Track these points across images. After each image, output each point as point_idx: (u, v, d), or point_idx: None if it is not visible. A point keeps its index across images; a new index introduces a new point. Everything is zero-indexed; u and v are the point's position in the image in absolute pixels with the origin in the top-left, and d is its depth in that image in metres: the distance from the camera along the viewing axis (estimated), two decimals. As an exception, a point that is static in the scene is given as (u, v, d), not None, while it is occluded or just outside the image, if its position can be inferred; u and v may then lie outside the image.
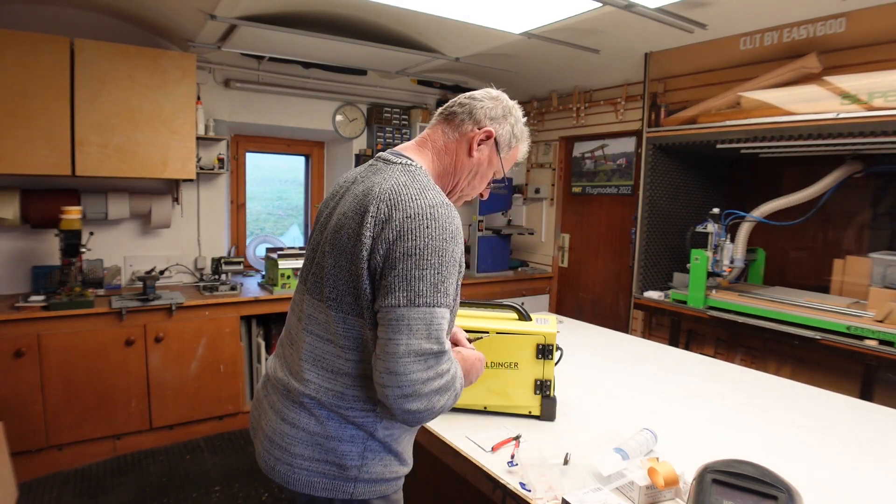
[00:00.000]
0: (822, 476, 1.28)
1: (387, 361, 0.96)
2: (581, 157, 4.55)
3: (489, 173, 1.23)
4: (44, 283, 3.13)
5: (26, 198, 2.99)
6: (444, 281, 0.99)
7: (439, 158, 1.19)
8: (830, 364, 2.63)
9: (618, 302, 4.29)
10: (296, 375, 1.11)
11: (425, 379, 0.97)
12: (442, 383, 0.99)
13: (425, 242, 0.98)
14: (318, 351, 1.09)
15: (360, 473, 1.08)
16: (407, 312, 0.96)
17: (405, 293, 0.97)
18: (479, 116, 1.18)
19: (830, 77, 2.57)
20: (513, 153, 1.24)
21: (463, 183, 1.21)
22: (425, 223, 0.99)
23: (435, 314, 0.98)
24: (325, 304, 1.08)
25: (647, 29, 2.91)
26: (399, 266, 0.97)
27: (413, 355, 0.96)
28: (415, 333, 0.96)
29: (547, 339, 1.49)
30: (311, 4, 2.88)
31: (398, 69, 3.99)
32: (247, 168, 4.19)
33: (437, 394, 0.99)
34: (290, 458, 1.08)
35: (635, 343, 2.48)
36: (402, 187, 1.03)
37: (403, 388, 0.96)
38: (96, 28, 3.20)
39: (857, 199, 2.93)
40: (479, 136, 1.17)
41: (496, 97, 1.21)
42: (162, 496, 2.71)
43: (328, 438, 1.07)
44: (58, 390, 2.80)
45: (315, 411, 1.08)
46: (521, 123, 1.23)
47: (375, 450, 1.09)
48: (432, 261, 0.98)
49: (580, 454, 1.29)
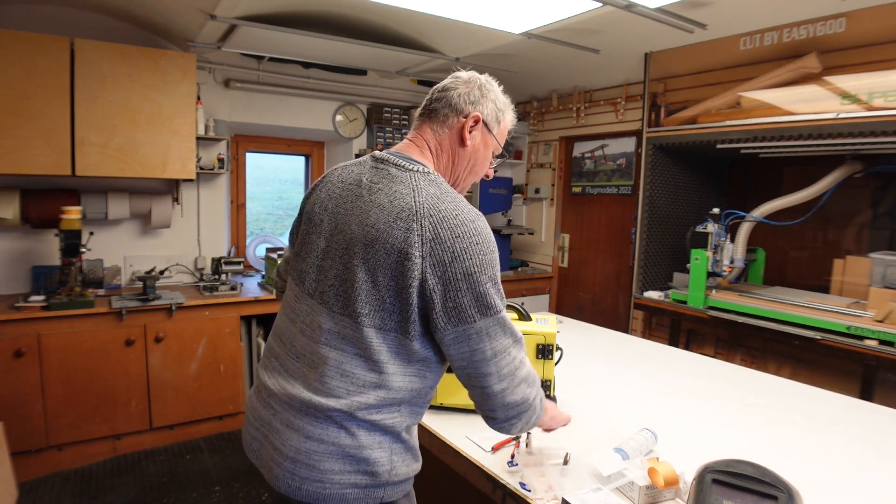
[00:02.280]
0: (822, 476, 1.28)
1: (478, 369, 1.04)
2: (581, 157, 4.55)
3: (488, 155, 1.23)
4: (44, 283, 3.13)
5: (26, 198, 2.99)
6: (500, 285, 1.07)
7: (438, 158, 1.19)
8: (830, 364, 2.63)
9: (618, 302, 4.29)
10: (319, 391, 1.06)
11: (513, 370, 1.07)
12: (527, 372, 1.10)
13: (480, 259, 1.03)
14: (348, 366, 1.06)
15: (391, 477, 1.08)
16: (483, 324, 1.03)
17: (477, 309, 1.02)
18: (461, 105, 1.17)
19: (830, 77, 2.57)
20: (503, 127, 1.24)
21: (464, 173, 1.22)
22: (474, 240, 1.03)
23: (505, 315, 1.07)
24: (353, 319, 1.05)
25: (647, 29, 2.91)
26: (463, 287, 1.02)
27: (500, 355, 1.05)
28: (494, 338, 1.04)
29: (547, 339, 1.49)
30: (311, 4, 2.88)
31: (398, 69, 3.99)
32: (247, 168, 4.19)
33: (527, 385, 1.09)
34: (319, 474, 1.05)
35: (635, 343, 2.48)
36: (438, 201, 1.04)
37: (500, 383, 1.05)
38: (96, 28, 3.20)
39: (857, 199, 2.93)
40: (468, 123, 1.17)
41: (468, 80, 1.19)
42: (162, 496, 2.71)
43: (360, 448, 1.05)
44: (58, 390, 2.80)
45: (346, 423, 1.06)
46: (500, 95, 1.22)
47: (399, 451, 1.10)
48: (490, 273, 1.04)
49: (580, 454, 1.29)
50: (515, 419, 1.09)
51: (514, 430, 1.12)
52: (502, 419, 1.09)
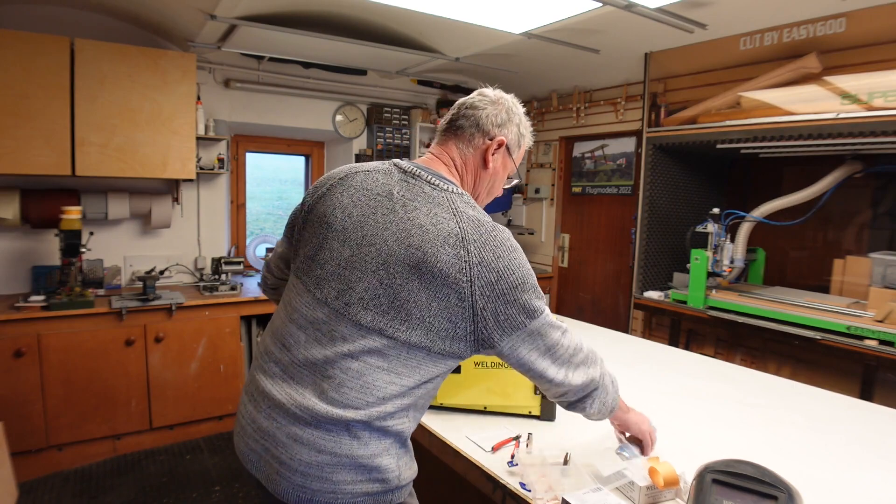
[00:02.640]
0: (823, 476, 1.28)
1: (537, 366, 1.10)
2: (581, 157, 4.55)
3: (504, 176, 1.27)
4: (44, 283, 3.13)
5: (26, 198, 2.99)
6: (538, 289, 1.11)
7: (463, 176, 1.21)
8: (830, 364, 2.63)
9: (618, 302, 4.29)
10: (336, 402, 1.04)
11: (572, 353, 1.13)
12: (586, 354, 1.16)
13: (521, 273, 1.07)
14: (370, 378, 1.04)
15: (400, 481, 1.09)
16: (533, 327, 1.08)
17: (525, 315, 1.07)
18: (487, 126, 1.19)
19: (830, 77, 2.56)
20: (521, 150, 1.27)
21: (483, 194, 1.25)
22: (512, 255, 1.07)
23: (548, 314, 1.11)
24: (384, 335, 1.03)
25: (647, 29, 2.91)
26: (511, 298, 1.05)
27: (553, 348, 1.11)
28: (545, 336, 1.10)
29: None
30: (311, 4, 2.88)
31: (398, 69, 3.99)
32: (247, 168, 4.19)
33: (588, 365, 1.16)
34: (332, 486, 1.04)
35: (635, 343, 2.48)
36: (479, 224, 1.07)
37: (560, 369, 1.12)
38: (96, 28, 3.20)
39: (857, 199, 2.93)
40: (492, 147, 1.19)
41: (496, 101, 1.20)
42: (162, 496, 2.71)
43: (372, 457, 1.05)
44: (58, 390, 2.80)
45: (360, 433, 1.04)
46: (524, 118, 1.25)
47: (403, 455, 1.11)
48: (531, 282, 1.08)
49: (580, 454, 1.29)
50: (588, 399, 1.17)
51: (591, 412, 1.19)
52: (575, 401, 1.17)
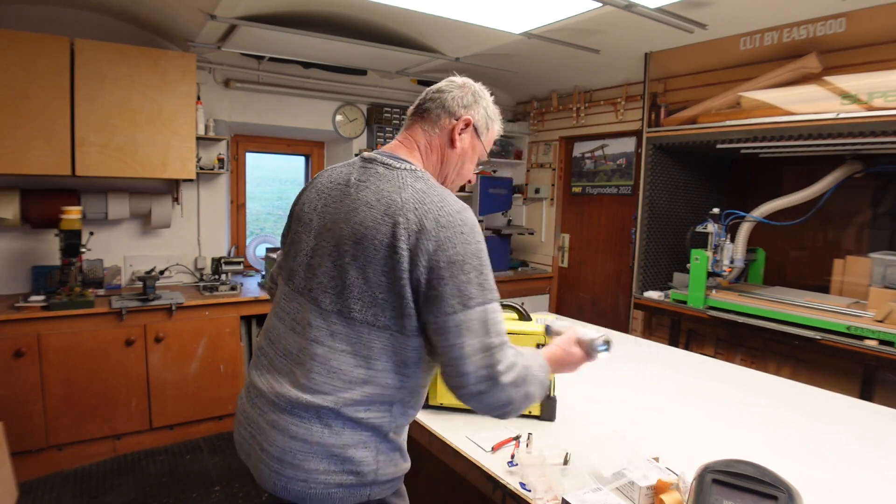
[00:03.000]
0: (823, 476, 1.28)
1: (455, 366, 1.01)
2: (581, 157, 4.55)
3: (474, 158, 1.27)
4: (44, 283, 3.13)
5: (26, 198, 2.99)
6: (487, 279, 1.05)
7: (428, 157, 1.22)
8: (830, 364, 2.63)
9: (618, 302, 4.29)
10: (306, 388, 1.07)
11: (495, 374, 1.01)
12: (515, 376, 1.04)
13: (464, 248, 1.03)
14: (336, 363, 1.06)
15: (377, 477, 1.09)
16: (463, 317, 1.01)
17: (457, 299, 1.01)
18: (454, 107, 1.20)
19: (830, 77, 2.57)
20: (490, 134, 1.27)
21: (452, 175, 1.25)
22: (458, 229, 1.03)
23: (488, 311, 1.03)
24: (344, 316, 1.06)
25: (647, 29, 2.91)
26: (445, 275, 1.01)
27: (478, 353, 1.01)
28: (474, 333, 1.01)
29: (547, 339, 1.49)
30: (311, 4, 2.88)
31: (398, 69, 3.99)
32: (247, 168, 4.19)
33: (514, 387, 1.03)
34: (304, 474, 1.06)
35: (635, 343, 2.48)
36: (423, 195, 1.06)
37: (478, 384, 1.00)
38: (96, 28, 3.20)
39: (857, 199, 2.93)
40: (459, 125, 1.20)
41: (462, 85, 1.23)
42: (162, 496, 2.71)
43: (344, 447, 1.06)
44: (58, 390, 2.80)
45: (331, 422, 1.06)
46: (491, 104, 1.27)
47: (385, 451, 1.10)
48: (474, 263, 1.03)
49: (580, 454, 1.29)
50: (501, 415, 1.07)
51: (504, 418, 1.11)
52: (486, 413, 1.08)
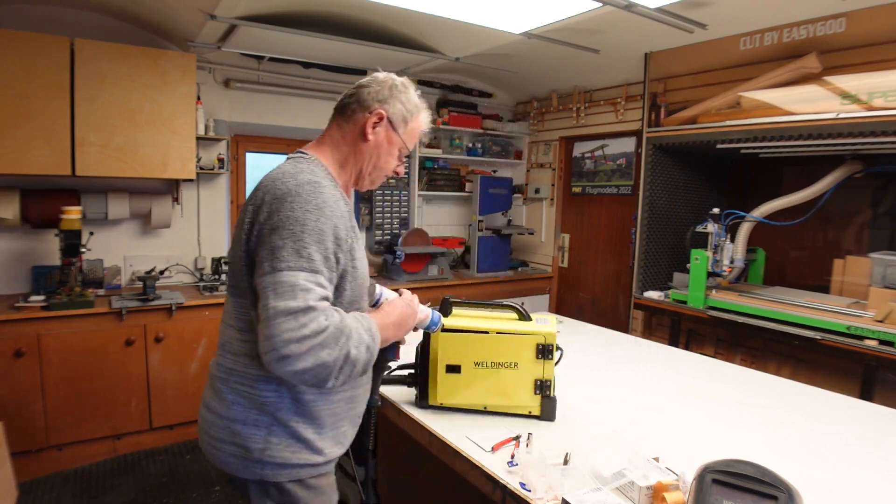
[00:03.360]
0: (823, 476, 1.28)
1: (262, 327, 1.02)
2: (581, 157, 4.55)
3: (393, 151, 1.28)
4: (44, 283, 3.13)
5: (26, 198, 2.99)
6: (305, 247, 1.05)
7: (338, 150, 1.25)
8: (830, 364, 2.63)
9: (618, 302, 4.29)
10: (214, 364, 1.22)
11: (299, 337, 0.99)
12: (321, 339, 1.02)
13: (287, 216, 1.06)
14: (225, 336, 1.20)
15: (265, 457, 1.13)
16: (272, 278, 1.03)
17: (270, 262, 1.05)
18: (368, 101, 1.23)
19: (830, 77, 2.56)
20: (412, 127, 1.28)
21: (368, 167, 1.27)
22: (289, 199, 1.07)
23: (298, 277, 1.04)
24: (230, 292, 1.20)
25: (647, 29, 2.91)
26: (266, 241, 1.07)
27: (282, 315, 1.00)
28: (281, 295, 1.01)
29: (547, 339, 1.49)
30: (311, 4, 2.88)
31: (398, 69, 3.99)
32: (247, 168, 4.19)
33: (321, 348, 1.01)
34: (211, 440, 1.18)
35: (635, 343, 2.48)
36: (279, 174, 1.14)
37: (280, 349, 0.99)
38: (96, 28, 3.20)
39: (857, 199, 2.93)
40: (371, 119, 1.23)
41: (382, 80, 1.25)
42: (162, 496, 2.71)
43: (233, 422, 1.14)
44: (58, 390, 2.80)
45: (225, 395, 1.16)
46: (412, 97, 1.27)
47: (280, 435, 1.14)
48: (294, 230, 1.05)
49: (580, 454, 1.29)
50: (317, 382, 1.04)
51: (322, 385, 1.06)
52: (298, 382, 1.07)
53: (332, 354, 1.03)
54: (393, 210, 4.43)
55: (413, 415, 1.52)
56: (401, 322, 1.29)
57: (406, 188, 4.47)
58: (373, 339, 1.12)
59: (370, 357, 1.12)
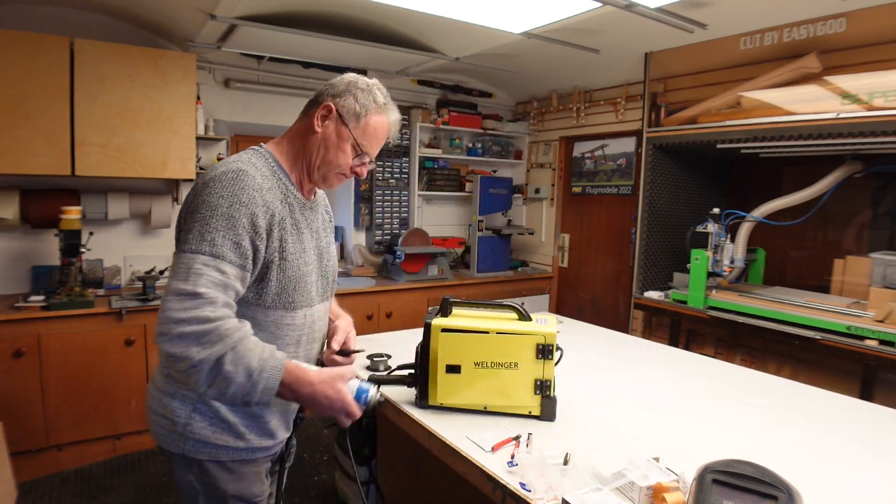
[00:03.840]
0: (823, 476, 1.28)
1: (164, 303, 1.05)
2: (581, 157, 4.55)
3: (344, 147, 1.25)
4: (44, 283, 3.13)
5: (26, 198, 2.99)
6: (210, 232, 1.06)
7: (291, 143, 1.28)
8: (830, 364, 2.63)
9: (618, 302, 4.29)
10: None
11: (178, 319, 1.00)
12: (199, 330, 1.01)
13: (203, 200, 1.09)
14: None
15: (187, 432, 1.18)
16: (175, 259, 1.08)
17: (177, 244, 1.11)
18: (322, 95, 1.25)
19: (830, 77, 2.56)
20: (365, 124, 1.25)
21: (316, 160, 1.26)
22: (210, 186, 1.10)
23: (196, 259, 1.05)
24: None
25: (647, 29, 2.91)
26: (182, 224, 1.12)
27: (172, 294, 1.03)
28: (177, 275, 1.05)
29: (547, 339, 1.49)
30: (311, 4, 2.88)
31: (398, 69, 3.99)
32: (247, 168, 4.19)
33: (194, 341, 1.00)
34: (148, 411, 1.24)
35: (635, 343, 2.48)
36: (219, 163, 1.18)
37: (161, 325, 1.02)
38: (96, 28, 3.20)
39: (857, 199, 2.93)
40: (319, 112, 1.24)
41: (348, 78, 1.27)
42: (162, 496, 2.71)
43: (164, 394, 1.20)
44: (58, 390, 2.80)
45: (162, 369, 1.22)
46: (369, 95, 1.25)
47: (204, 413, 1.19)
48: (203, 214, 1.07)
49: (580, 454, 1.29)
50: (184, 374, 1.03)
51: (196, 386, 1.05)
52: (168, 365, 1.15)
53: (201, 353, 1.01)
54: (393, 210, 4.43)
55: (413, 415, 1.52)
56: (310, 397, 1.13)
57: (406, 188, 4.47)
58: (260, 371, 1.05)
59: (251, 388, 1.05)
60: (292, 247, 1.22)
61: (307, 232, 1.29)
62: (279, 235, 1.18)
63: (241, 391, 1.05)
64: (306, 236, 1.28)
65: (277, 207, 1.19)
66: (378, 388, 1.27)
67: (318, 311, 1.34)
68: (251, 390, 1.06)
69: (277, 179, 1.23)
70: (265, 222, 1.14)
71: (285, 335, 1.25)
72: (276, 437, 1.29)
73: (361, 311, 3.72)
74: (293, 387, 1.11)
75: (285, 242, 1.20)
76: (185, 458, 1.20)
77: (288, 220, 1.22)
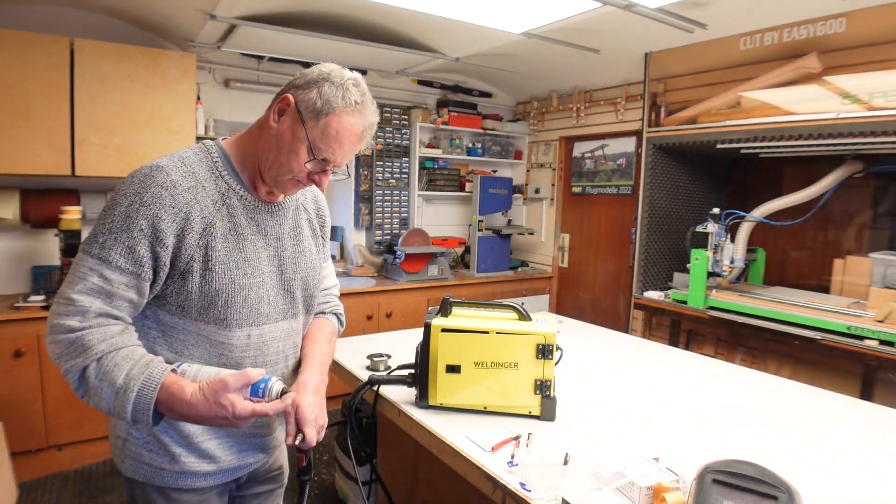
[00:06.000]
0: (823, 476, 1.28)
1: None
2: (581, 157, 4.55)
3: (297, 148, 1.05)
4: (44, 283, 3.13)
5: (26, 198, 2.99)
6: (104, 233, 0.98)
7: (249, 137, 1.14)
8: (830, 364, 2.63)
9: (618, 302, 4.29)
10: None
11: (52, 325, 0.97)
12: (64, 339, 0.95)
13: (110, 198, 1.01)
14: None
15: (126, 448, 1.11)
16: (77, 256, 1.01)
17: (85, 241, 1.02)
18: (287, 89, 1.08)
19: (830, 77, 2.56)
20: (325, 124, 1.04)
21: (266, 161, 1.09)
22: (122, 183, 1.01)
23: (84, 262, 0.98)
24: None
25: (647, 29, 2.91)
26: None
27: (57, 295, 0.99)
28: (68, 275, 0.99)
29: (547, 339, 1.49)
30: (311, 4, 2.88)
31: (398, 69, 3.99)
32: (247, 168, 4.19)
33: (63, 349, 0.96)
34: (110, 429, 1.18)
35: (635, 343, 2.48)
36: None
37: (50, 320, 0.98)
38: (96, 28, 3.20)
39: (857, 199, 2.93)
40: (277, 105, 1.07)
41: (323, 68, 1.10)
42: (162, 496, 2.70)
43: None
44: (58, 390, 2.80)
45: None
46: (339, 90, 1.05)
47: (142, 430, 1.10)
48: (104, 213, 1.00)
49: (580, 454, 1.29)
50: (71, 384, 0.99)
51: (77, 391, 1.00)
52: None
53: (67, 362, 0.96)
54: (393, 210, 4.43)
55: (413, 415, 1.52)
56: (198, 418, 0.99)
57: (406, 188, 4.47)
58: (125, 388, 0.94)
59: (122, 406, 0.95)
60: (223, 255, 1.06)
61: (256, 238, 1.12)
62: (202, 242, 1.03)
63: (116, 408, 0.95)
64: (253, 244, 1.12)
65: (202, 210, 1.03)
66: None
67: (274, 331, 1.16)
68: (123, 408, 0.95)
69: (216, 178, 1.08)
70: (174, 226, 1.00)
71: (222, 354, 1.10)
72: (219, 461, 1.14)
73: (361, 311, 3.72)
74: (174, 408, 0.96)
75: (212, 250, 1.04)
76: (126, 479, 1.13)
77: (220, 224, 1.06)
